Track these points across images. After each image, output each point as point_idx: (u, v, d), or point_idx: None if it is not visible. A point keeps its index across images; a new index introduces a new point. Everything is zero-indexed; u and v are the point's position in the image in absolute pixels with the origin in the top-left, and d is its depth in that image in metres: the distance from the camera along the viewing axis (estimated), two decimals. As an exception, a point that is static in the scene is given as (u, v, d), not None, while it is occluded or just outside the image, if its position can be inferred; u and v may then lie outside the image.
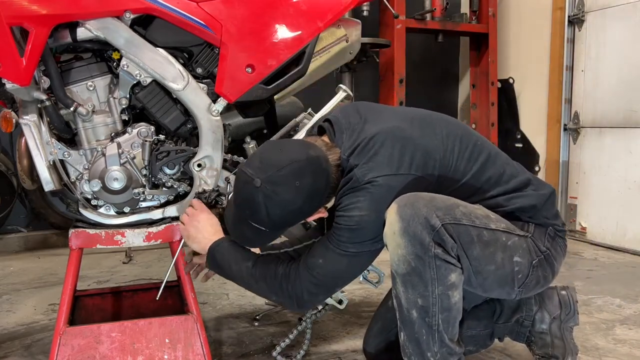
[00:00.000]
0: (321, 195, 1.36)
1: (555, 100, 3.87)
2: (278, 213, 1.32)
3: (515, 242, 1.38)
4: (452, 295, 1.30)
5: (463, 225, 1.29)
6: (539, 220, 1.45)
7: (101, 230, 1.63)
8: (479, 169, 1.42)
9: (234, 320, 2.20)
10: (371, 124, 1.40)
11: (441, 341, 1.33)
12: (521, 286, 1.41)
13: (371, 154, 1.33)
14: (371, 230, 1.32)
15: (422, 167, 1.34)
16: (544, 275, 1.44)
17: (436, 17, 3.99)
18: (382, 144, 1.34)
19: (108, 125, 1.64)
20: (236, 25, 1.63)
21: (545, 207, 1.46)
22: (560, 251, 1.48)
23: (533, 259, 1.40)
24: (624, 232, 3.43)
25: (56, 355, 1.53)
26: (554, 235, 1.46)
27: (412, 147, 1.34)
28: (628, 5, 3.37)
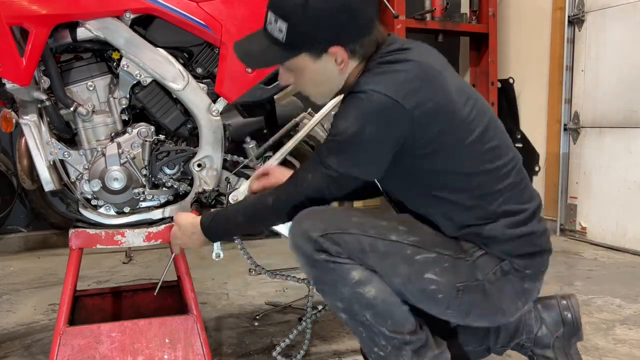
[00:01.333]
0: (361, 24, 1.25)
1: (555, 100, 3.87)
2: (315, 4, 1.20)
3: (428, 259, 1.30)
4: (366, 291, 1.28)
5: (350, 234, 1.28)
6: (494, 251, 1.32)
7: (101, 230, 1.63)
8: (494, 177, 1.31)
9: (234, 320, 2.20)
10: (419, 54, 1.29)
11: (383, 334, 1.31)
12: (450, 308, 1.33)
13: (391, 69, 1.24)
14: (354, 149, 1.24)
15: (426, 115, 1.22)
16: (480, 305, 1.33)
17: (436, 17, 3.99)
18: (407, 69, 1.24)
19: (108, 125, 1.64)
20: (236, 25, 1.63)
21: (512, 243, 1.32)
22: (509, 290, 1.33)
23: (457, 282, 1.30)
24: (624, 232, 3.43)
25: (56, 355, 1.53)
26: (507, 271, 1.32)
27: (432, 92, 1.24)
28: (628, 5, 3.37)
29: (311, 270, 1.32)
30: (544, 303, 1.52)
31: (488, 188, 1.31)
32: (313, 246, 1.28)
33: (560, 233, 3.83)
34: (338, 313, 1.36)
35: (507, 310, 1.36)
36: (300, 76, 1.33)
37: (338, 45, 1.25)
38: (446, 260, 1.31)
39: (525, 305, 1.38)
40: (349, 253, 1.27)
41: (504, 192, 1.31)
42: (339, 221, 1.30)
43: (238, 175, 1.76)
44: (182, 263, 1.68)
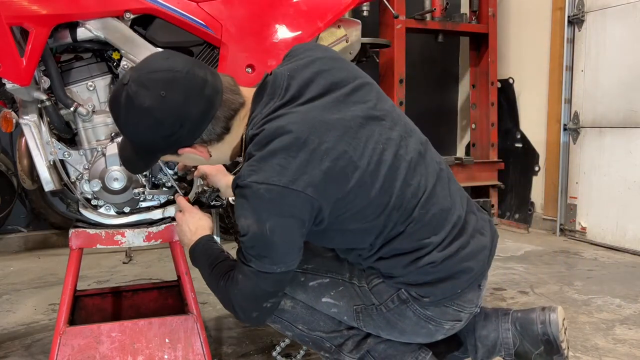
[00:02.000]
0: (192, 125, 1.18)
1: (555, 100, 3.87)
2: (137, 123, 1.18)
3: (322, 284, 1.36)
4: (282, 304, 1.38)
5: None
6: (390, 283, 1.30)
7: (101, 230, 1.63)
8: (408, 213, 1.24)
9: (234, 320, 2.20)
10: (294, 114, 1.18)
11: (322, 337, 1.39)
12: (362, 326, 1.36)
13: (267, 151, 1.14)
14: (263, 247, 1.16)
15: (321, 189, 1.14)
16: (385, 327, 1.33)
17: (436, 17, 3.99)
18: (285, 146, 1.14)
19: (108, 125, 1.64)
20: (236, 25, 1.63)
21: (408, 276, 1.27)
22: (411, 317, 1.30)
23: (355, 305, 1.34)
24: (624, 232, 3.44)
25: (56, 355, 1.53)
26: (405, 299, 1.28)
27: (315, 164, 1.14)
28: (628, 5, 3.37)
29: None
30: (524, 318, 1.44)
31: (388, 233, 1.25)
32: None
33: (560, 233, 3.83)
34: (286, 335, 1.45)
35: (419, 333, 1.33)
36: (183, 162, 1.42)
37: (182, 147, 1.24)
38: (340, 284, 1.36)
39: (444, 326, 1.32)
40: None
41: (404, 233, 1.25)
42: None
43: (238, 175, 1.76)
44: (182, 263, 1.68)
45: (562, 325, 1.43)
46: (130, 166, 1.36)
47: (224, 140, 1.25)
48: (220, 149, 1.27)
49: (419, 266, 1.26)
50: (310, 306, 1.39)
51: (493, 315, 1.45)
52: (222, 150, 1.28)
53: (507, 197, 4.31)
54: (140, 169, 1.40)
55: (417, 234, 1.25)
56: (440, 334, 1.35)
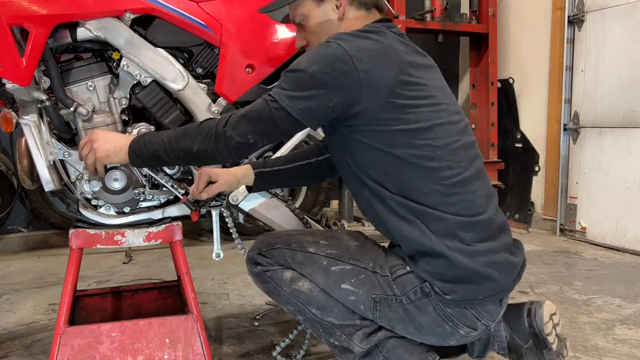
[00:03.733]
0: None
1: (555, 100, 3.87)
2: None
3: (344, 270, 1.36)
4: (300, 285, 1.40)
5: (276, 248, 1.43)
6: (417, 269, 1.32)
7: (101, 230, 1.63)
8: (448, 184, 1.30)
9: (234, 320, 2.20)
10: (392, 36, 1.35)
11: (335, 325, 1.40)
12: (377, 319, 1.37)
13: (363, 35, 1.31)
14: (294, 81, 1.27)
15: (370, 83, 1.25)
16: (401, 320, 1.34)
17: (436, 17, 3.99)
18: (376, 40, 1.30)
19: (108, 125, 1.64)
20: (236, 25, 1.63)
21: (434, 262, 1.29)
22: (430, 312, 1.32)
23: (374, 293, 1.34)
24: (624, 232, 3.44)
25: (56, 355, 1.53)
26: (428, 293, 1.31)
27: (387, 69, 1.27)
28: (628, 5, 3.37)
29: (257, 283, 1.48)
30: (513, 312, 1.47)
31: (417, 184, 1.29)
32: (251, 262, 1.48)
33: (560, 233, 3.84)
34: (296, 318, 1.47)
35: (434, 332, 1.34)
36: (307, 27, 1.43)
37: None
38: (362, 272, 1.36)
39: (459, 330, 1.33)
40: (278, 262, 1.43)
41: (434, 195, 1.29)
42: (271, 239, 1.46)
43: (238, 175, 1.76)
44: (182, 263, 1.68)
45: (549, 319, 1.45)
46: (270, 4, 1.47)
47: (359, 13, 1.40)
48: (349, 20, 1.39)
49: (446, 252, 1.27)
50: (327, 292, 1.39)
51: None
52: (349, 23, 1.39)
53: (507, 197, 4.31)
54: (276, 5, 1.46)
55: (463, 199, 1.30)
56: (453, 338, 1.35)
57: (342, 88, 1.25)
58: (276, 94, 1.28)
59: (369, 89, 1.25)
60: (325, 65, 1.24)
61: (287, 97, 1.26)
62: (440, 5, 3.98)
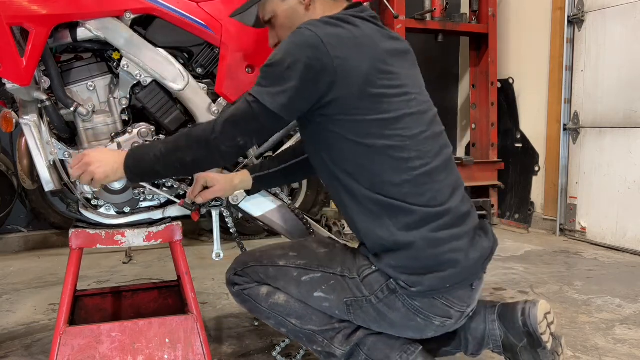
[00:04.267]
0: None
1: (555, 100, 3.87)
2: None
3: (314, 278, 1.40)
4: (276, 298, 1.44)
5: (250, 267, 1.48)
6: (381, 265, 1.32)
7: (101, 230, 1.63)
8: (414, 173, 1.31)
9: (234, 320, 2.20)
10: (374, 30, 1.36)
11: (314, 332, 1.42)
12: (352, 319, 1.39)
13: (334, 22, 1.30)
14: (270, 74, 1.27)
15: (344, 70, 1.26)
16: (376, 319, 1.36)
17: (436, 17, 3.99)
18: (348, 29, 1.30)
19: (108, 125, 1.64)
20: (236, 25, 1.63)
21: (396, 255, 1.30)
22: (400, 308, 1.32)
23: (345, 298, 1.36)
24: (624, 232, 3.44)
25: (56, 355, 1.53)
26: (394, 289, 1.31)
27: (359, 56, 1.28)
28: (628, 5, 3.37)
29: (239, 303, 1.52)
30: (508, 311, 1.47)
31: (387, 175, 1.30)
32: (230, 283, 1.52)
33: (560, 233, 3.84)
34: (279, 331, 1.50)
35: (408, 326, 1.35)
36: (276, 24, 1.44)
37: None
38: (331, 278, 1.39)
39: (433, 321, 1.33)
40: (253, 280, 1.47)
41: (404, 186, 1.30)
42: (244, 258, 1.51)
43: (238, 175, 1.76)
44: (182, 263, 1.68)
45: (544, 318, 1.44)
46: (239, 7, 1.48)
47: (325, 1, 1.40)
48: (316, 10, 1.40)
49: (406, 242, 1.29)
50: (303, 301, 1.42)
51: (482, 308, 1.48)
52: (316, 13, 1.39)
53: (507, 197, 4.31)
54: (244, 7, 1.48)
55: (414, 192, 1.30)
56: (430, 330, 1.36)
57: (317, 76, 1.25)
58: (256, 92, 1.28)
59: (344, 76, 1.26)
60: (299, 54, 1.25)
61: (267, 94, 1.27)
62: (440, 5, 3.98)
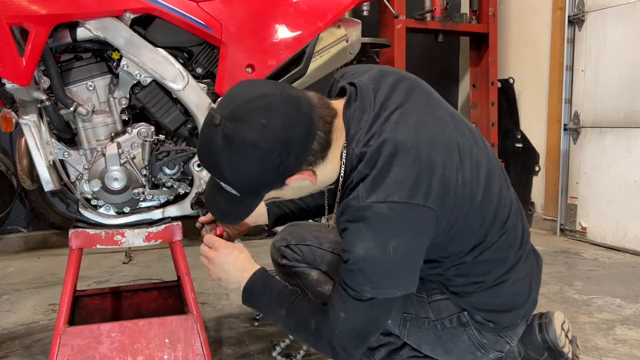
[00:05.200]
0: (299, 147, 1.08)
1: (555, 100, 3.87)
2: (241, 162, 1.06)
3: None
4: (326, 290, 1.37)
5: (306, 245, 1.38)
6: (460, 302, 1.28)
7: (101, 230, 1.63)
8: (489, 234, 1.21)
9: (234, 320, 2.20)
10: (398, 124, 1.12)
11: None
12: (404, 335, 1.32)
13: (380, 167, 1.08)
14: (384, 270, 1.07)
15: (439, 201, 1.09)
16: (430, 342, 1.31)
17: (436, 17, 3.99)
18: (397, 160, 1.07)
19: (108, 125, 1.64)
20: (236, 25, 1.63)
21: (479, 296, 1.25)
22: (465, 341, 1.28)
23: (405, 312, 1.29)
24: (625, 232, 3.43)
25: (56, 355, 1.53)
26: (465, 323, 1.27)
27: (431, 172, 1.09)
28: (628, 6, 3.37)
29: (279, 274, 1.44)
30: (525, 336, 1.44)
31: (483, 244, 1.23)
32: (277, 253, 1.44)
33: (560, 233, 3.83)
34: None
35: (463, 357, 1.32)
36: (284, 196, 1.29)
37: (289, 177, 1.12)
38: None
39: (489, 355, 1.32)
40: (305, 260, 1.37)
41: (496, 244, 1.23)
42: (301, 234, 1.41)
43: (238, 175, 1.76)
44: (182, 263, 1.68)
45: (561, 330, 1.44)
46: (229, 217, 1.25)
47: (327, 158, 1.15)
48: (324, 170, 1.16)
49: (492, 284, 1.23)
50: None
51: None
52: (326, 170, 1.17)
53: (507, 197, 4.30)
54: (241, 217, 1.26)
55: (504, 246, 1.23)
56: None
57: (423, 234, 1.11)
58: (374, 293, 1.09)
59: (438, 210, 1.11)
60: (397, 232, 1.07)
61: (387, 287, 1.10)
62: (441, 5, 3.98)
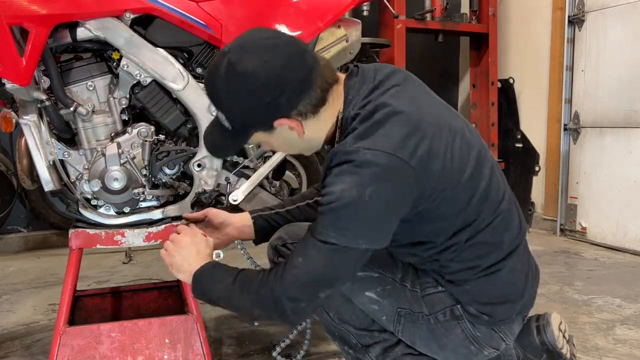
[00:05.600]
0: (292, 91, 1.13)
1: (555, 100, 3.87)
2: (236, 89, 1.12)
3: (370, 277, 1.30)
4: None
5: None
6: (454, 290, 1.28)
7: (101, 230, 1.63)
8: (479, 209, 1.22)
9: (234, 320, 2.20)
10: (393, 96, 1.18)
11: (350, 332, 1.37)
12: (398, 331, 1.32)
13: (372, 122, 1.13)
14: (354, 215, 1.09)
15: (424, 164, 1.12)
16: (424, 337, 1.30)
17: (436, 17, 3.99)
18: (390, 119, 1.13)
19: (108, 125, 1.64)
20: (236, 25, 1.63)
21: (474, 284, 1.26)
22: (458, 334, 1.28)
23: (400, 307, 1.29)
24: (624, 232, 3.43)
25: (56, 355, 1.53)
26: (458, 316, 1.27)
27: (421, 136, 1.13)
28: (628, 6, 3.37)
29: None
30: (522, 331, 1.43)
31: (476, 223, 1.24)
32: (274, 253, 1.43)
33: (560, 233, 3.83)
34: (321, 325, 1.42)
35: (458, 352, 1.31)
36: (271, 146, 1.31)
37: (280, 118, 1.16)
38: (389, 283, 1.31)
39: (484, 351, 1.31)
40: None
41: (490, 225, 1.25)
42: (298, 234, 1.35)
43: (238, 176, 1.76)
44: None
45: (559, 331, 1.44)
46: (218, 150, 1.30)
47: (319, 115, 1.19)
48: (314, 127, 1.20)
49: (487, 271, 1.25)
50: (348, 297, 1.34)
51: None
52: (316, 128, 1.21)
53: (507, 197, 4.30)
54: (229, 151, 1.36)
55: (499, 229, 1.25)
56: (476, 358, 1.33)
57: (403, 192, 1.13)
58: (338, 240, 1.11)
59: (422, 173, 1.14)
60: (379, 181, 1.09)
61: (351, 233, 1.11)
62: (441, 5, 3.97)
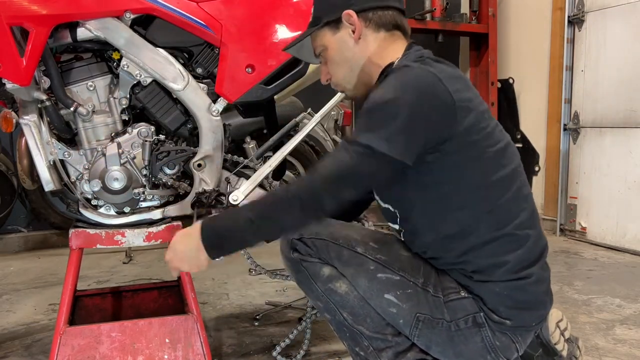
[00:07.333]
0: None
1: (555, 100, 3.87)
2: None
3: (391, 280, 1.28)
4: (337, 286, 1.31)
5: (321, 239, 1.31)
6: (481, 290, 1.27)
7: (101, 230, 1.63)
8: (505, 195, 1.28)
9: (234, 320, 2.20)
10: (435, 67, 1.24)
11: (362, 334, 1.33)
12: (414, 335, 1.30)
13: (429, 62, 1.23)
14: (384, 115, 1.14)
15: (462, 103, 1.18)
16: (441, 343, 1.29)
17: (436, 17, 3.99)
18: (445, 65, 1.24)
19: (108, 125, 1.64)
20: (236, 25, 1.63)
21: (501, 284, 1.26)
22: (477, 342, 1.27)
23: (419, 312, 1.27)
24: (624, 232, 3.43)
25: (56, 355, 1.53)
26: (480, 324, 1.26)
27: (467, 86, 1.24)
28: (628, 5, 3.37)
29: (289, 269, 1.38)
30: None
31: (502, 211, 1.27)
32: (289, 246, 1.35)
33: (560, 233, 3.83)
34: (322, 315, 1.40)
35: (472, 359, 1.30)
36: (327, 58, 1.37)
37: (348, 8, 1.29)
38: (410, 286, 1.28)
39: (499, 359, 1.30)
40: (318, 255, 1.31)
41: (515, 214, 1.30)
42: (316, 228, 1.33)
43: (238, 175, 1.76)
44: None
45: (556, 327, 1.43)
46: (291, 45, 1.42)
47: (378, 35, 1.31)
48: (369, 39, 1.31)
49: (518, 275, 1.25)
50: (365, 299, 1.31)
51: None
52: (369, 42, 1.32)
53: (507, 197, 4.31)
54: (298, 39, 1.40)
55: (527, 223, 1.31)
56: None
57: (435, 113, 1.17)
58: (364, 139, 1.15)
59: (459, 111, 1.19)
60: (418, 91, 1.16)
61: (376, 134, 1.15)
62: (440, 5, 3.98)
